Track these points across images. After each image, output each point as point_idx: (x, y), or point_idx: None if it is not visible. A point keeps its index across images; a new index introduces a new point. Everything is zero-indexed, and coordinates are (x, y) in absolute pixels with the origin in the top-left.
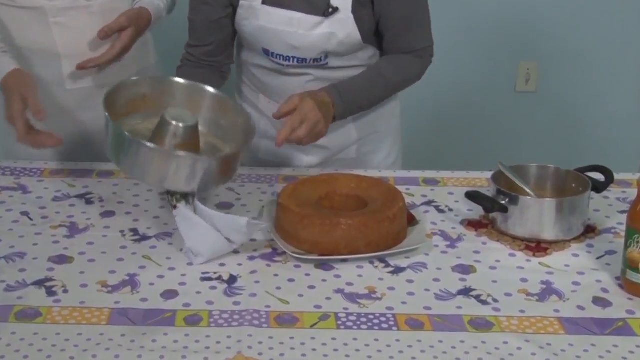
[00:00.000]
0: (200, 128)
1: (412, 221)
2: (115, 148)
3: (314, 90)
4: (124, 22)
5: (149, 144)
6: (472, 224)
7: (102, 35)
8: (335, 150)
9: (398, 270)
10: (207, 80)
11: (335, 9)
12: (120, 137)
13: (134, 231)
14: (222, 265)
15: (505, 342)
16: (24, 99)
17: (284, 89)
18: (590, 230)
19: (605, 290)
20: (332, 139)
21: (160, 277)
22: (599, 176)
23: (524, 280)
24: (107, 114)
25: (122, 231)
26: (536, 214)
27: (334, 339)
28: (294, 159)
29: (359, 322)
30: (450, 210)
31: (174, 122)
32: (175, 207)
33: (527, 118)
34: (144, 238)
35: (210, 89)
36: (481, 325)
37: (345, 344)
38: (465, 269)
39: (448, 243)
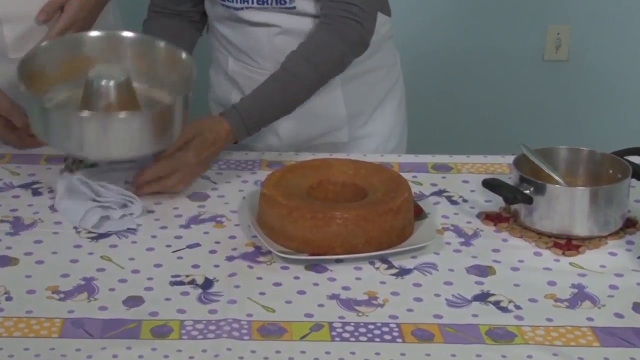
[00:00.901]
0: (137, 84)
1: (419, 214)
2: (41, 124)
3: (211, 117)
4: None
5: (69, 111)
6: (491, 218)
7: (43, 17)
8: (319, 132)
9: (403, 272)
10: (178, 31)
11: None
12: (40, 109)
13: None
14: (195, 267)
15: (530, 356)
16: None
17: (248, 46)
18: (630, 225)
19: None
20: (315, 119)
21: (122, 281)
22: None
23: (551, 283)
24: (23, 87)
25: (76, 227)
26: (566, 206)
27: (327, 352)
28: (265, 139)
29: (357, 333)
30: (465, 201)
31: (99, 81)
32: (71, 171)
33: (557, 92)
34: (103, 235)
35: (135, 35)
36: (501, 336)
37: (341, 359)
38: (482, 271)
39: (462, 240)
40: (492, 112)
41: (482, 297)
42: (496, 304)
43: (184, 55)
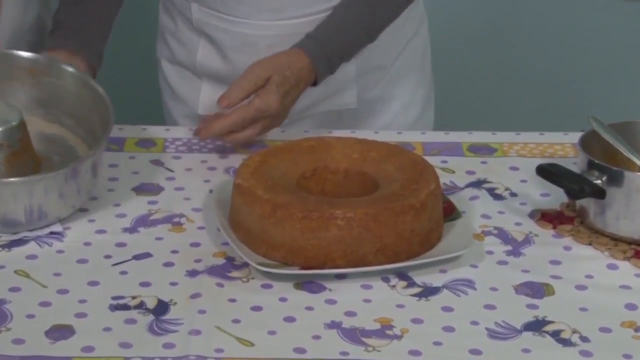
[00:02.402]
0: (30, 117)
1: (451, 213)
2: None
3: (285, 51)
4: None
5: None
6: (548, 218)
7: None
8: (319, 93)
9: (428, 292)
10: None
11: None
12: None
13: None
14: (144, 285)
15: None
16: None
17: None
18: None
19: None
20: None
21: (45, 304)
22: None
23: (631, 307)
24: None
25: None
26: None
27: None
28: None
29: None
30: (513, 195)
31: None
32: None
33: None
34: (17, 242)
35: (34, 56)
36: None
37: None
38: (536, 290)
39: (509, 248)
40: (551, 72)
41: (536, 326)
42: (555, 334)
43: (99, 89)
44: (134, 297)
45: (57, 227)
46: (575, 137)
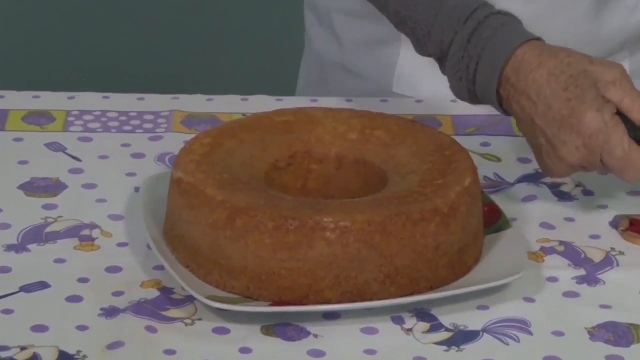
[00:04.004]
0: None
1: (495, 222)
2: None
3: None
4: None
5: None
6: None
7: None
8: None
9: (462, 338)
10: None
11: None
12: None
13: None
14: (38, 329)
15: None
16: None
17: None
18: None
19: None
20: None
21: None
22: None
23: None
24: None
25: None
26: None
27: None
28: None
29: None
30: (588, 193)
31: None
32: None
33: None
34: None
35: None
36: None
37: None
38: (621, 334)
39: (581, 273)
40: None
41: None
42: None
43: None
44: (23, 349)
45: None
46: None
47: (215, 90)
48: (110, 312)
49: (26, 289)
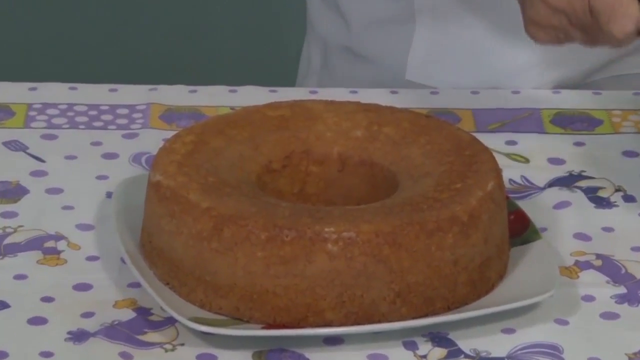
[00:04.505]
0: None
1: (523, 232)
2: None
3: None
4: None
5: None
6: None
7: None
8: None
9: None
10: None
11: None
12: None
13: None
14: None
15: None
16: None
17: None
18: None
19: None
20: None
21: None
22: None
23: None
24: None
25: None
26: None
27: None
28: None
29: None
30: (630, 199)
31: None
32: None
33: None
34: None
35: None
36: None
37: None
38: None
39: (622, 291)
40: None
41: None
42: None
43: None
44: None
45: None
46: None
47: (199, 80)
48: (78, 336)
49: None
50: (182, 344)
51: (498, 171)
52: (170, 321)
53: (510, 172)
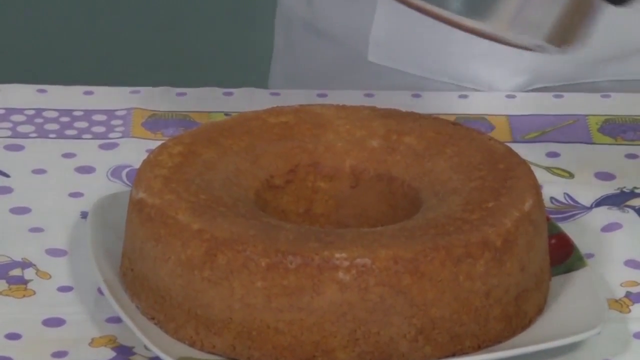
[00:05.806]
0: None
1: (566, 258)
2: None
3: None
4: None
5: None
6: None
7: None
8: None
9: None
10: None
11: None
12: None
13: None
14: None
15: None
16: None
17: None
18: None
19: None
20: None
21: None
22: None
23: None
24: None
25: None
26: None
27: None
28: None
29: None
30: None
31: None
32: None
33: None
34: None
35: None
36: None
37: None
38: None
39: None
40: None
41: None
42: None
43: None
44: None
45: None
46: None
47: (188, 82)
48: None
49: None
50: None
51: (537, 188)
52: None
53: (552, 188)
